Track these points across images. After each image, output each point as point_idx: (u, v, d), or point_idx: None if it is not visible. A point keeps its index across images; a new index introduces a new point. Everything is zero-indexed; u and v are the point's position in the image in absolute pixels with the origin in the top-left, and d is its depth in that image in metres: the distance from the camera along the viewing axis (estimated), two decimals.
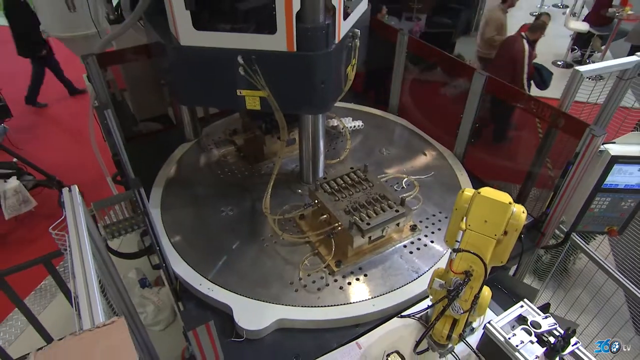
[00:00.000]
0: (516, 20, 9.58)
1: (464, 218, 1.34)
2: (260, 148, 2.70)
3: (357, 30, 2.14)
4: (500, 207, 1.28)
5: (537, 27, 5.28)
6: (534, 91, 5.23)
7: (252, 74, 1.95)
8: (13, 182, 3.78)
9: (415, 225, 2.22)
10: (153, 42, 2.39)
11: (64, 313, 2.84)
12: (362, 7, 2.32)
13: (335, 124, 2.98)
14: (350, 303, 1.91)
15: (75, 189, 1.60)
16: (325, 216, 2.07)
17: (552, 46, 8.54)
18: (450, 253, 1.32)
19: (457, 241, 1.30)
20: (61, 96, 6.53)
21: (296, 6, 1.78)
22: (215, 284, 1.95)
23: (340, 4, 1.92)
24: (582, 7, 8.89)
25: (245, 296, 1.90)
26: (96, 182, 4.63)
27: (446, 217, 2.34)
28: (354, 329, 1.86)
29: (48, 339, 2.46)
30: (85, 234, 1.37)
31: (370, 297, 1.93)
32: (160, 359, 2.13)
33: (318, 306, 1.90)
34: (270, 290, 1.95)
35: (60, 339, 0.93)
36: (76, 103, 6.35)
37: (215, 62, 1.99)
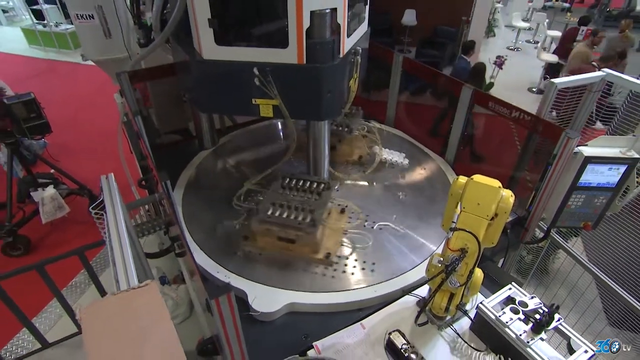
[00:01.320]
0: (492, 54, 9.81)
1: (459, 203, 1.36)
2: None
3: (358, 47, 2.19)
4: (491, 191, 1.31)
5: (608, 57, 5.51)
6: None
7: (266, 84, 1.99)
8: (50, 190, 3.80)
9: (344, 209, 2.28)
10: (178, 58, 2.44)
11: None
12: (363, 28, 2.38)
13: (391, 158, 2.76)
14: (354, 289, 1.90)
15: (112, 176, 1.62)
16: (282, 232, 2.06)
17: (527, 75, 8.78)
18: (448, 233, 1.34)
19: (453, 222, 1.32)
20: (92, 115, 6.63)
21: (306, 24, 1.82)
22: (232, 272, 1.96)
23: (344, 22, 1.98)
24: (551, 42, 9.16)
25: (259, 283, 1.90)
26: (123, 191, 4.64)
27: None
28: (357, 312, 1.85)
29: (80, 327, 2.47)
30: (120, 210, 1.39)
31: (374, 282, 1.93)
32: None
33: (325, 291, 1.89)
34: (281, 278, 1.95)
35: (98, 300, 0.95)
36: (104, 123, 6.48)
37: (233, 74, 2.01)
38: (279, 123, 3.30)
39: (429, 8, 8.29)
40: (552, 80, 2.25)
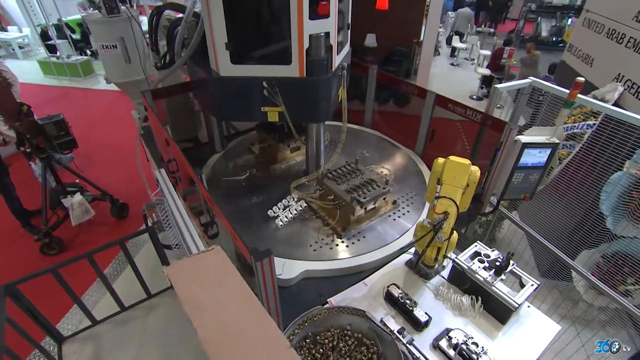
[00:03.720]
0: (439, 70, 10.17)
1: (438, 178, 1.48)
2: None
3: (344, 63, 2.29)
4: (463, 166, 1.43)
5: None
6: None
7: (273, 94, 2.04)
8: (78, 197, 3.72)
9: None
10: (195, 76, 2.46)
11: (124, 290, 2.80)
12: (347, 48, 2.48)
13: None
14: (356, 256, 1.98)
15: (163, 171, 1.62)
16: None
17: (467, 85, 9.16)
18: (433, 201, 1.45)
19: (436, 192, 1.44)
20: (104, 132, 6.51)
21: (306, 45, 1.91)
22: None
23: (335, 43, 2.07)
24: (484, 59, 9.62)
25: (279, 256, 1.96)
26: (139, 194, 4.58)
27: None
28: (359, 275, 1.92)
29: (121, 305, 2.45)
30: (176, 195, 1.41)
31: (369, 250, 2.02)
32: None
33: (332, 259, 1.97)
34: (297, 251, 2.01)
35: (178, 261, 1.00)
36: (116, 138, 6.38)
37: (246, 87, 2.05)
38: None
39: (386, 32, 8.48)
40: (496, 86, 2.41)
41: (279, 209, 2.26)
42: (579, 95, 2.07)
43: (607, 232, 2.73)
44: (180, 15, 2.65)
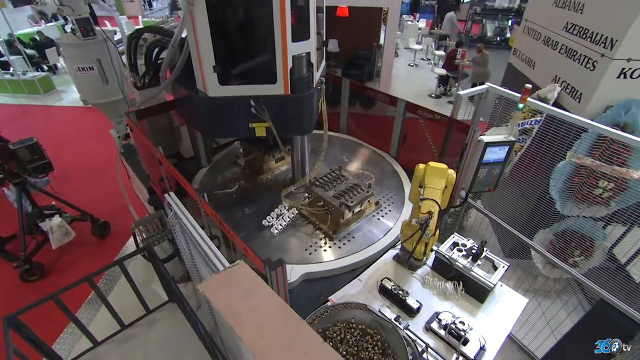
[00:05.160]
0: (399, 71, 10.57)
1: (421, 182, 1.64)
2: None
3: (322, 78, 2.41)
4: (442, 170, 1.61)
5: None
6: None
7: (261, 111, 2.13)
8: (56, 219, 3.56)
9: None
10: (179, 95, 2.47)
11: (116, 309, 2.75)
12: (323, 63, 2.61)
13: None
14: (349, 255, 2.11)
15: (172, 194, 1.64)
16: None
17: (426, 85, 9.59)
18: (419, 202, 1.61)
19: (420, 194, 1.60)
20: (76, 151, 6.23)
21: (289, 65, 2.01)
22: None
23: (315, 62, 2.19)
24: (439, 59, 10.12)
25: None
26: (120, 211, 4.45)
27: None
28: (353, 272, 2.05)
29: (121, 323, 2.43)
30: (191, 219, 1.44)
31: (360, 249, 2.15)
32: None
33: (328, 260, 2.08)
34: (294, 256, 2.11)
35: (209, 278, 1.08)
36: (89, 156, 6.12)
37: (234, 106, 2.11)
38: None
39: (347, 37, 8.73)
40: (459, 92, 2.64)
41: (273, 218, 2.35)
42: (528, 99, 2.33)
43: (557, 214, 3.06)
44: (158, 36, 2.66)
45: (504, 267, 1.86)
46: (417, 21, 13.35)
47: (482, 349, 1.57)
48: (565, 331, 2.68)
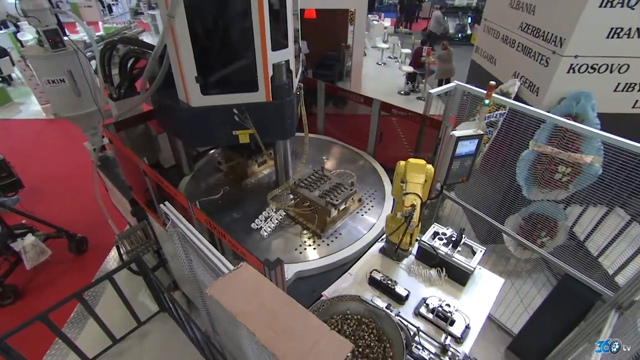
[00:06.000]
0: (367, 70, 10.81)
1: (402, 178, 1.77)
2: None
3: (300, 84, 2.49)
4: (421, 166, 1.74)
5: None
6: None
7: (244, 119, 2.18)
8: (29, 238, 3.42)
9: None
10: (161, 106, 2.46)
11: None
12: (300, 69, 2.69)
13: None
14: (337, 251, 2.21)
15: (168, 204, 1.65)
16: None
17: (394, 82, 9.87)
18: (402, 197, 1.73)
19: (403, 189, 1.72)
20: (50, 161, 5.97)
21: (270, 73, 2.08)
22: None
23: (294, 69, 2.27)
24: (405, 57, 10.46)
25: None
26: (97, 225, 4.32)
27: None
28: (343, 267, 2.15)
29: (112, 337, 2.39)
30: (190, 227, 1.47)
31: (347, 245, 2.25)
32: None
33: (317, 258, 2.17)
34: (285, 255, 2.18)
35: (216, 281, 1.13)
36: (65, 166, 5.89)
37: (217, 115, 2.15)
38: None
39: (317, 39, 8.86)
40: (430, 91, 2.80)
41: (261, 220, 2.41)
42: (493, 95, 2.52)
43: (524, 199, 3.31)
44: (132, 46, 2.63)
45: (481, 251, 2.03)
46: (382, 20, 13.71)
47: (467, 327, 1.72)
48: (536, 306, 2.92)
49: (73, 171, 5.59)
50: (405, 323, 1.71)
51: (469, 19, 13.63)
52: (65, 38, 2.73)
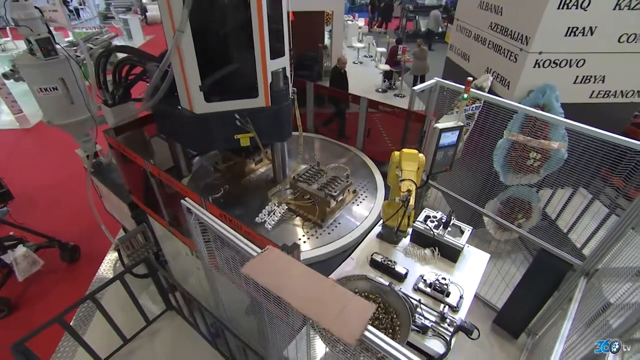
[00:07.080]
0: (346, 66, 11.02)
1: (398, 166, 1.96)
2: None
3: (294, 88, 2.64)
4: (414, 155, 1.94)
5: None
6: None
7: (245, 123, 2.31)
8: (21, 249, 3.38)
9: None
10: (162, 113, 2.53)
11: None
12: (292, 75, 2.84)
13: None
14: (339, 239, 2.37)
15: (189, 199, 1.73)
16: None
17: (372, 80, 10.15)
18: (398, 183, 1.91)
19: (399, 177, 1.91)
20: (35, 171, 5.83)
21: (269, 80, 2.23)
22: None
23: (290, 75, 2.42)
24: (381, 56, 10.77)
25: None
26: (89, 232, 4.29)
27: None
28: (344, 253, 2.32)
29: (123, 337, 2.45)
30: (214, 218, 1.57)
31: (347, 232, 2.43)
32: None
33: (321, 246, 2.33)
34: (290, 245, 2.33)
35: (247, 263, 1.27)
36: (50, 175, 5.75)
37: (219, 121, 2.28)
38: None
39: (294, 40, 9.01)
40: (413, 88, 3.02)
41: (265, 215, 2.54)
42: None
43: (501, 184, 3.60)
44: (126, 55, 2.69)
45: (469, 230, 2.25)
46: (357, 20, 14.00)
47: (461, 297, 1.93)
48: (516, 282, 3.21)
49: (60, 180, 5.47)
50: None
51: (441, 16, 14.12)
52: (57, 46, 2.76)
